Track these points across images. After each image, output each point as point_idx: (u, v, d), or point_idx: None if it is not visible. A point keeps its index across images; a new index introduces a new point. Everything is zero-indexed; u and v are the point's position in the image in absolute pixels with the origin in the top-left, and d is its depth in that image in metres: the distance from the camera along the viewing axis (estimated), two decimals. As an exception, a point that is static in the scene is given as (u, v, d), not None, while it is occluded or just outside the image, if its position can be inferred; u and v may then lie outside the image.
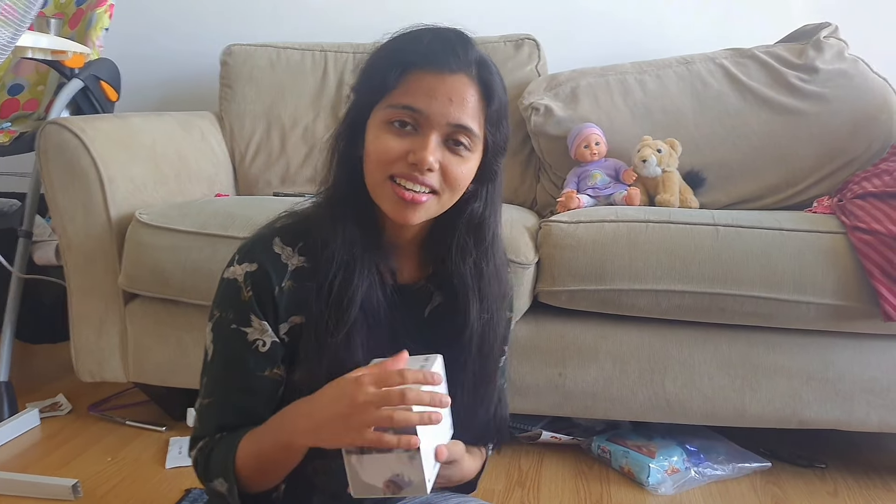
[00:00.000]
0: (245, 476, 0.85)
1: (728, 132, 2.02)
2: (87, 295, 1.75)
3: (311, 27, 2.48)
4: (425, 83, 0.82)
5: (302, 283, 0.88)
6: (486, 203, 0.91)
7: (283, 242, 0.89)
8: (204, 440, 0.90)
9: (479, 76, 0.85)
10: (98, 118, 1.88)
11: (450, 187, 0.85)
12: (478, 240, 0.91)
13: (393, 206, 0.84)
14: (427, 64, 0.82)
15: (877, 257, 1.47)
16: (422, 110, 0.82)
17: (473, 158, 0.86)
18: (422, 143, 0.82)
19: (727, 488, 1.62)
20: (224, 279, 0.90)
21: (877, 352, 1.57)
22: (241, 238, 0.94)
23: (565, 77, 2.13)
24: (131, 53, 2.38)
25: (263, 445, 0.84)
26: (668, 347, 1.61)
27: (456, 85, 0.83)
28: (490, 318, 0.94)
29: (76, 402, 1.94)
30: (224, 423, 0.90)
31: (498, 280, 0.95)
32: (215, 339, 0.90)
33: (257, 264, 0.88)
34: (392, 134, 0.83)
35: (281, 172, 2.24)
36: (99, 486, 1.54)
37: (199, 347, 1.68)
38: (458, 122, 0.82)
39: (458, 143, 0.84)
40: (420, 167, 0.81)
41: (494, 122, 0.86)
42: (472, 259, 0.91)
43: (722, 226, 1.56)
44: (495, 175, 0.91)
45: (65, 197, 1.70)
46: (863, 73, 1.99)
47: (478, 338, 0.93)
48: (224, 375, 0.90)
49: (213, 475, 0.87)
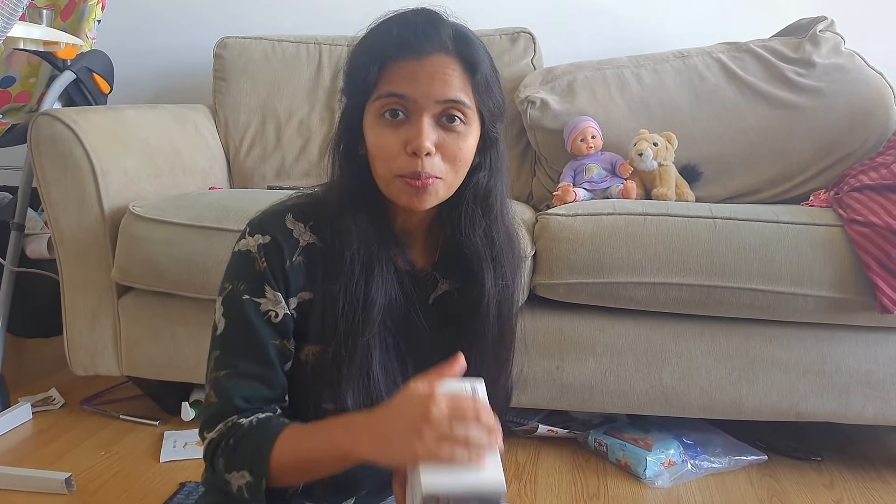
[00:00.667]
0: (276, 475, 0.83)
1: (725, 126, 2.02)
2: (80, 288, 1.74)
3: (306, 20, 2.46)
4: (405, 70, 0.83)
5: (312, 260, 0.88)
6: (491, 171, 0.91)
7: (295, 219, 0.90)
8: (226, 423, 0.87)
9: (458, 50, 0.85)
10: (91, 110, 1.87)
11: (453, 166, 0.85)
12: (486, 208, 0.92)
13: (405, 197, 0.85)
14: (403, 52, 0.83)
15: (874, 250, 1.47)
16: (407, 95, 0.82)
17: (471, 132, 0.86)
18: (416, 130, 0.82)
19: (724, 481, 1.62)
20: (236, 252, 0.90)
21: (873, 344, 1.57)
22: (236, 231, 0.93)
23: (562, 70, 2.12)
24: (124, 46, 2.36)
25: (313, 450, 0.82)
26: (666, 340, 1.60)
27: (435, 64, 0.83)
28: (506, 284, 0.95)
29: (69, 397, 1.93)
30: (246, 393, 0.88)
31: (511, 246, 0.96)
32: (227, 312, 0.89)
33: (270, 237, 0.88)
34: (386, 127, 0.84)
35: (276, 166, 2.23)
36: (92, 481, 1.53)
37: (193, 341, 1.69)
38: (445, 97, 0.83)
39: (452, 119, 0.84)
40: (419, 153, 0.82)
41: (483, 90, 0.86)
42: (481, 229, 0.92)
43: (720, 219, 1.56)
44: (496, 142, 0.91)
45: (57, 189, 1.68)
46: (859, 68, 2.00)
47: (495, 306, 0.94)
48: (241, 346, 0.88)
49: (237, 466, 0.84)
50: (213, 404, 0.89)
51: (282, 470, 0.83)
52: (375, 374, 0.88)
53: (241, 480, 0.84)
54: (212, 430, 0.88)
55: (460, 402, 0.74)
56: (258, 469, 0.83)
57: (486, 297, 0.93)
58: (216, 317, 0.90)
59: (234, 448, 0.85)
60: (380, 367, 0.88)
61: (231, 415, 0.87)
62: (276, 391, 0.90)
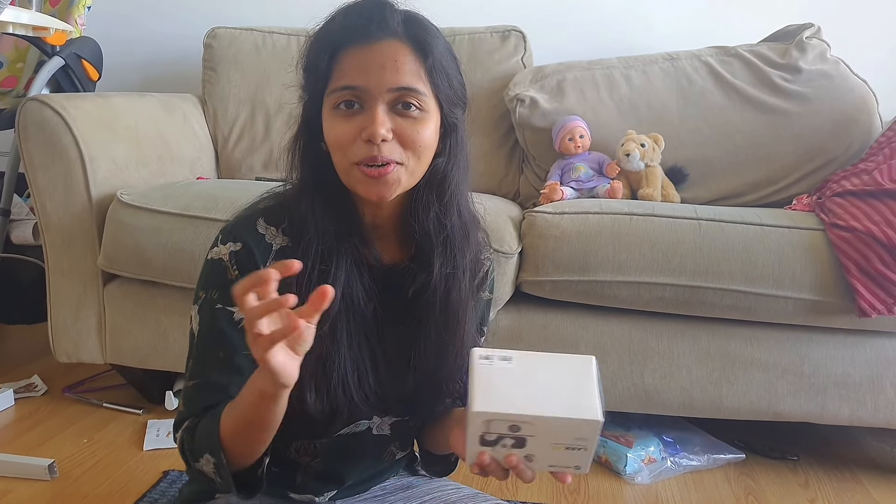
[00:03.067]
0: (231, 446, 0.83)
1: (711, 129, 2.05)
2: (66, 275, 1.73)
3: (297, 12, 2.45)
4: (355, 59, 0.82)
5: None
6: (449, 157, 0.89)
7: (267, 223, 0.89)
8: (189, 420, 0.88)
9: (408, 35, 0.83)
10: (80, 97, 1.86)
11: (413, 152, 0.84)
12: (440, 193, 0.89)
13: (365, 186, 0.84)
14: (352, 40, 0.82)
15: (854, 254, 1.50)
16: (359, 86, 0.81)
17: (430, 118, 0.84)
18: (370, 118, 0.81)
19: (702, 478, 1.65)
20: (209, 260, 0.89)
21: (850, 347, 1.60)
22: (224, 221, 0.93)
23: (551, 70, 2.14)
24: (114, 33, 2.35)
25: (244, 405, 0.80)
26: (648, 339, 1.62)
27: (385, 51, 0.82)
28: (454, 272, 0.91)
29: (52, 384, 1.92)
30: (209, 402, 0.87)
31: (465, 234, 0.93)
32: (201, 321, 0.89)
33: (241, 244, 0.87)
34: (341, 118, 0.83)
35: (264, 157, 2.23)
36: (75, 468, 1.53)
37: (178, 330, 1.69)
38: (397, 85, 0.81)
39: (407, 106, 0.82)
40: (374, 139, 0.80)
41: (438, 75, 0.84)
42: (433, 213, 0.89)
43: (704, 220, 1.58)
44: (455, 127, 0.89)
45: (45, 175, 1.67)
46: (843, 75, 2.02)
47: (443, 293, 0.91)
48: (210, 355, 0.88)
49: (200, 453, 0.85)
50: (181, 412, 0.90)
51: (231, 438, 0.82)
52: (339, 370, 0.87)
53: (208, 466, 0.84)
54: (178, 431, 0.89)
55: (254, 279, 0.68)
56: (214, 446, 0.82)
57: (431, 284, 0.90)
58: (192, 325, 0.90)
59: (192, 438, 0.86)
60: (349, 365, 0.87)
61: None
62: None
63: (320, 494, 1.01)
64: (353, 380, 0.88)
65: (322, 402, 0.87)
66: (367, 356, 0.90)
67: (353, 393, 0.88)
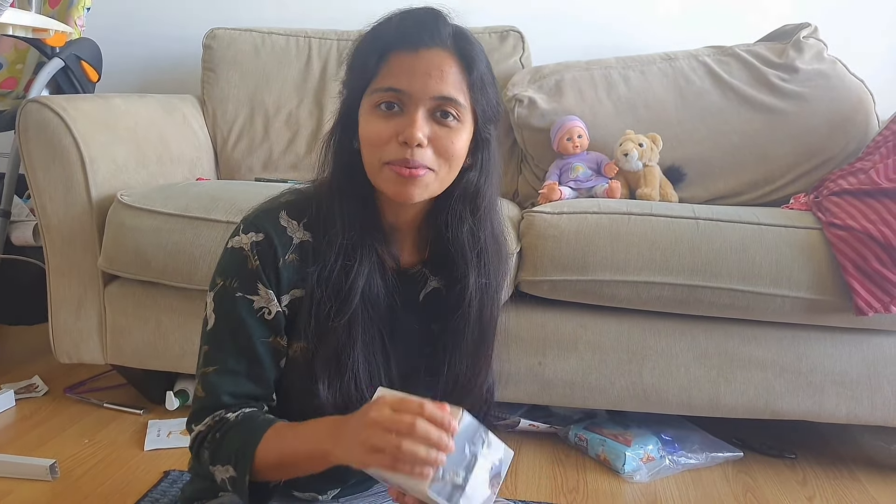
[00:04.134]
0: (261, 470, 0.84)
1: (709, 129, 2.05)
2: (66, 276, 1.74)
3: (296, 13, 2.46)
4: (404, 63, 0.84)
5: (305, 258, 0.89)
6: (481, 172, 0.92)
7: (290, 216, 0.91)
8: (213, 417, 0.88)
9: (457, 47, 0.86)
10: (80, 98, 1.86)
11: (445, 160, 0.86)
12: (473, 208, 0.92)
13: (393, 186, 0.85)
14: (402, 44, 0.84)
15: (851, 253, 1.51)
16: (403, 89, 0.83)
17: (464, 130, 0.87)
18: (409, 121, 0.83)
19: (700, 476, 1.65)
20: (229, 248, 0.90)
21: (847, 345, 1.61)
22: (224, 221, 0.94)
23: (550, 70, 2.14)
24: (113, 34, 2.36)
25: (297, 450, 0.82)
26: (647, 338, 1.63)
27: (433, 59, 0.84)
28: (488, 284, 0.95)
29: (52, 384, 1.93)
30: (233, 389, 0.89)
31: (496, 247, 0.97)
32: (218, 308, 0.90)
33: (263, 234, 0.89)
34: (380, 117, 0.84)
35: (263, 158, 2.23)
36: (76, 468, 1.53)
37: (178, 330, 1.70)
38: (440, 94, 0.84)
39: (445, 115, 0.85)
40: (410, 143, 0.82)
41: (478, 90, 0.87)
42: (467, 226, 0.92)
43: (702, 219, 1.59)
44: (488, 143, 0.92)
45: (45, 176, 1.68)
46: (840, 74, 2.03)
47: (477, 305, 0.94)
48: (229, 342, 0.89)
49: (222, 460, 0.85)
50: (201, 399, 0.90)
51: (265, 467, 0.84)
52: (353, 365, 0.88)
53: (224, 474, 0.86)
54: (199, 423, 0.89)
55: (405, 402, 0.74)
56: (242, 465, 0.84)
57: (468, 296, 0.94)
58: (207, 311, 0.91)
59: (219, 442, 0.86)
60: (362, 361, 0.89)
61: (217, 409, 0.89)
62: (263, 389, 0.91)
63: (324, 493, 1.02)
64: (364, 375, 0.90)
65: (334, 395, 0.88)
66: (380, 353, 0.92)
67: (364, 390, 0.89)
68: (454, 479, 0.74)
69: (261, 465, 0.84)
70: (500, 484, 0.80)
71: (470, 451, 0.76)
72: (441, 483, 0.73)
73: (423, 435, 0.71)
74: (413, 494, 0.77)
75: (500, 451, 0.80)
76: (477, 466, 0.76)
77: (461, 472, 0.75)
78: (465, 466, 0.75)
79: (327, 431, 0.81)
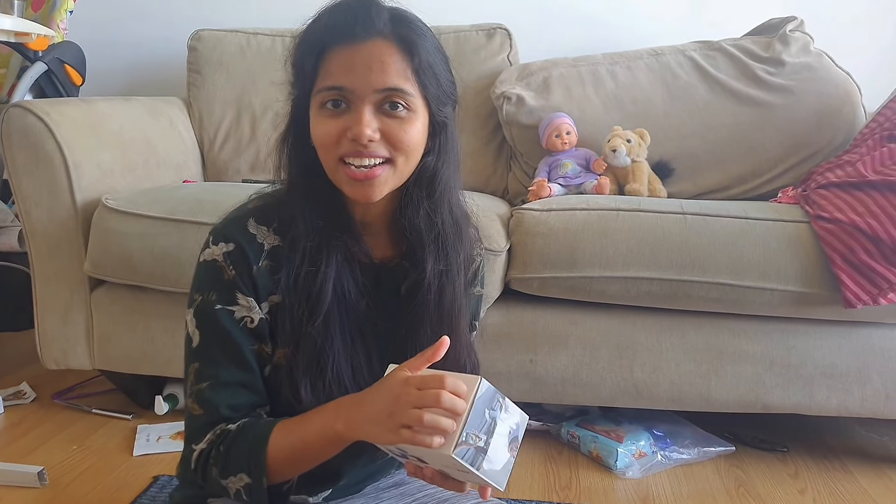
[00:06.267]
0: (274, 470, 0.84)
1: (696, 123, 2.05)
2: (52, 281, 1.72)
3: (281, 13, 2.45)
4: (342, 59, 0.82)
5: (278, 263, 0.88)
6: (438, 155, 0.89)
7: (258, 223, 0.89)
8: (214, 432, 0.86)
9: (395, 34, 0.83)
10: (63, 102, 1.85)
11: (401, 152, 0.84)
12: (429, 191, 0.90)
13: (351, 187, 0.84)
14: (337, 39, 0.82)
15: (839, 245, 1.51)
16: (345, 86, 0.81)
17: (417, 118, 0.85)
18: (356, 118, 0.81)
19: (692, 471, 1.65)
20: (202, 262, 0.89)
21: (836, 338, 1.61)
22: (211, 224, 0.93)
23: (537, 67, 2.14)
24: (97, 37, 2.34)
25: (307, 438, 0.83)
26: (637, 334, 1.63)
27: (372, 51, 0.82)
28: (448, 270, 0.92)
29: (40, 391, 1.91)
30: (231, 401, 0.87)
31: (457, 231, 0.93)
32: (201, 324, 0.88)
33: (234, 244, 0.87)
34: (327, 117, 0.83)
35: (251, 159, 2.22)
36: (65, 474, 1.52)
37: (166, 334, 1.69)
38: (384, 86, 0.81)
39: (394, 106, 0.82)
40: (360, 141, 0.81)
41: (425, 74, 0.84)
42: (423, 211, 0.90)
43: (690, 214, 1.59)
44: (444, 126, 0.89)
45: (29, 182, 1.67)
46: (827, 67, 2.04)
47: (436, 291, 0.92)
48: (220, 356, 0.88)
49: (234, 471, 0.84)
50: (198, 416, 0.88)
51: (279, 464, 0.83)
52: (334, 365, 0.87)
53: (239, 483, 0.84)
54: (199, 441, 0.87)
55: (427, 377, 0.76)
56: (256, 468, 0.83)
57: (426, 281, 0.91)
58: (189, 329, 0.90)
59: (226, 453, 0.85)
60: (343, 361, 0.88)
61: (217, 424, 0.87)
62: (260, 396, 0.90)
63: (314, 494, 1.01)
64: (347, 374, 0.89)
65: (318, 397, 0.87)
66: (362, 351, 0.91)
67: (348, 387, 0.88)
68: (477, 442, 0.76)
69: (274, 464, 0.83)
70: (517, 448, 0.82)
71: (489, 415, 0.78)
72: (465, 447, 0.75)
73: (450, 407, 0.73)
74: (434, 464, 0.78)
75: (516, 415, 0.82)
76: (497, 430, 0.78)
77: (482, 436, 0.77)
78: (486, 430, 0.77)
79: (335, 413, 0.82)
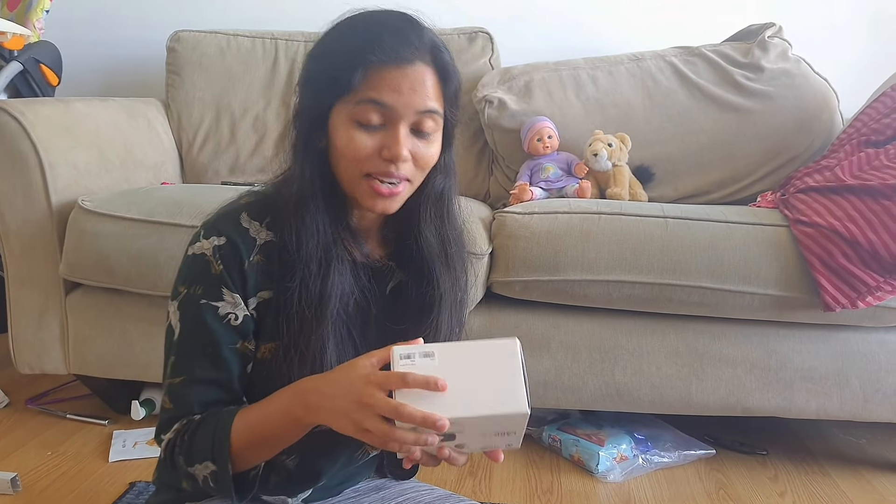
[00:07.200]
0: (238, 455, 0.84)
1: (676, 128, 2.07)
2: (26, 284, 1.69)
3: (261, 14, 2.43)
4: (388, 78, 0.83)
5: (270, 258, 0.88)
6: (446, 173, 0.94)
7: (251, 217, 0.89)
8: (181, 422, 0.87)
9: (435, 60, 0.86)
10: (39, 101, 1.82)
11: (421, 170, 0.88)
12: (439, 209, 0.95)
13: (371, 200, 0.86)
14: (387, 59, 0.83)
15: (818, 249, 1.52)
16: (388, 104, 0.83)
17: (438, 138, 0.89)
18: (393, 137, 0.83)
19: (673, 475, 1.66)
20: (189, 255, 0.88)
21: (816, 341, 1.63)
22: (189, 226, 0.92)
23: (519, 71, 2.14)
24: (73, 37, 2.31)
25: (268, 420, 0.83)
26: (618, 337, 1.63)
27: (416, 74, 0.84)
28: (457, 280, 0.97)
29: (14, 396, 1.88)
30: (202, 399, 0.87)
31: (460, 242, 0.98)
32: (183, 317, 0.88)
33: (226, 238, 0.87)
34: (362, 131, 0.84)
35: (230, 161, 2.20)
36: (39, 481, 1.49)
37: (144, 338, 1.66)
38: (424, 108, 0.84)
39: (425, 127, 0.86)
40: (395, 161, 0.83)
41: (453, 99, 0.89)
42: (436, 229, 0.94)
43: (671, 218, 1.60)
44: (451, 144, 0.93)
45: (3, 182, 1.64)
46: (805, 73, 2.06)
47: (449, 303, 0.96)
48: (196, 351, 0.87)
49: (198, 459, 0.84)
50: (168, 410, 0.89)
51: (243, 450, 0.84)
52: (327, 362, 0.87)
53: (205, 471, 0.84)
54: (167, 432, 0.88)
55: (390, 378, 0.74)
56: (220, 454, 0.83)
57: (440, 296, 0.95)
58: (171, 321, 0.89)
59: (190, 441, 0.85)
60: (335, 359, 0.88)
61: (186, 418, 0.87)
62: (232, 395, 0.89)
63: (293, 495, 1.00)
64: None
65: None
66: (351, 350, 0.91)
67: None
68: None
69: (238, 449, 0.83)
70: None
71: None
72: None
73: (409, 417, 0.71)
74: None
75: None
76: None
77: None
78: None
79: (293, 398, 0.82)
